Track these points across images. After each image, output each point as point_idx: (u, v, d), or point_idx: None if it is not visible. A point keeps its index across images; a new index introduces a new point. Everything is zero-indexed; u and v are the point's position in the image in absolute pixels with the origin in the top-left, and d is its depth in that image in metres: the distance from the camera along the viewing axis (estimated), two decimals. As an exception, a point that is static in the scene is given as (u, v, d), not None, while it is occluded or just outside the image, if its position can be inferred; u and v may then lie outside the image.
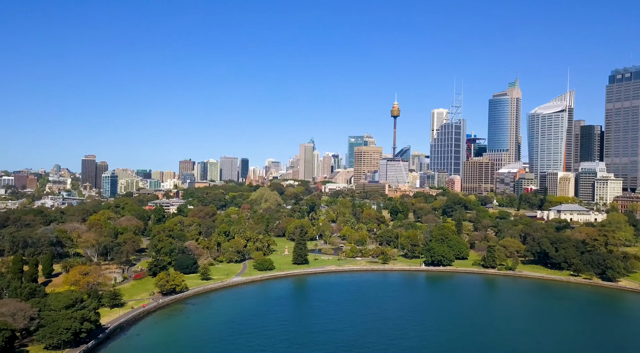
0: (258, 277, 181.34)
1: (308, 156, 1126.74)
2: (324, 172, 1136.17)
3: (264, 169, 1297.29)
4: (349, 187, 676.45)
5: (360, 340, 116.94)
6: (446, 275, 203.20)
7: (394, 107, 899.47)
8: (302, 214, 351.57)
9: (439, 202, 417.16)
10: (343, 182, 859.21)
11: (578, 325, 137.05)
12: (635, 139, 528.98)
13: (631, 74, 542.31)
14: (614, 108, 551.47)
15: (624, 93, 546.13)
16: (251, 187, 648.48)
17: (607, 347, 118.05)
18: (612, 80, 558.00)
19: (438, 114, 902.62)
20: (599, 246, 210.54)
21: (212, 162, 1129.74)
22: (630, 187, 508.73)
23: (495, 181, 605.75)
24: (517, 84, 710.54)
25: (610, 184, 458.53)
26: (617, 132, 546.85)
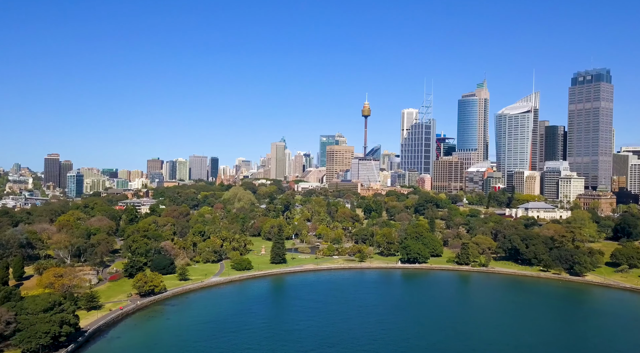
0: (237, 277, 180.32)
1: (279, 155, 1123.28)
2: (296, 171, 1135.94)
3: (234, 168, 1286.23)
4: (321, 186, 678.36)
5: (343, 336, 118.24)
6: (422, 272, 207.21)
7: (365, 107, 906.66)
8: (277, 213, 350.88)
9: (410, 200, 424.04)
10: (315, 181, 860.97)
11: (548, 318, 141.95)
12: (596, 139, 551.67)
13: (592, 76, 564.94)
14: (576, 109, 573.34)
15: (585, 95, 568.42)
16: (222, 186, 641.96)
17: (575, 338, 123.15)
18: (574, 83, 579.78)
19: (408, 114, 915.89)
20: (566, 242, 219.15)
21: (181, 161, 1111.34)
22: (592, 185, 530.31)
23: (464, 180, 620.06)
24: (485, 85, 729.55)
25: (573, 183, 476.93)
26: (579, 133, 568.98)
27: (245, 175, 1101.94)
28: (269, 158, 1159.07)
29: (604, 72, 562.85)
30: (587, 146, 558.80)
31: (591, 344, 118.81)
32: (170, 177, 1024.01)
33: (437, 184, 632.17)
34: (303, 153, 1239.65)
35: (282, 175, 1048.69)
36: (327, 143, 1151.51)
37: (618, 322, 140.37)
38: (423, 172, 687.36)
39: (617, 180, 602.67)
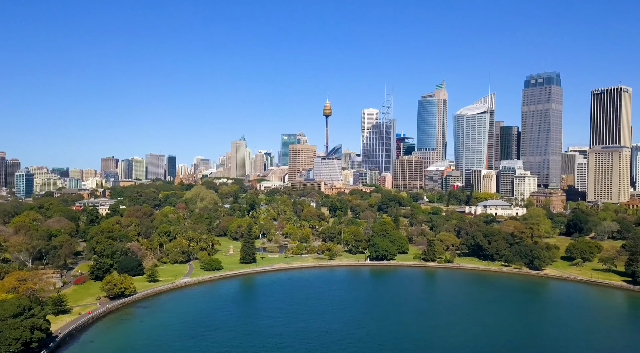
0: (207, 277, 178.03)
1: (240, 154, 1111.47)
2: (257, 169, 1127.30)
3: (192, 167, 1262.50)
4: (285, 185, 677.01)
5: (321, 332, 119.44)
6: (390, 269, 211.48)
7: (326, 106, 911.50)
8: (243, 213, 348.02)
9: (374, 198, 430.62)
10: (277, 180, 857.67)
11: (511, 311, 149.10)
12: (547, 139, 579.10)
13: (543, 79, 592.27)
14: (529, 110, 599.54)
15: (537, 97, 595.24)
16: (183, 185, 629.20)
17: (534, 329, 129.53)
18: (527, 85, 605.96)
19: (368, 114, 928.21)
20: (525, 238, 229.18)
21: (137, 159, 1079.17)
22: (543, 183, 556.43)
23: (424, 178, 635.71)
24: (443, 86, 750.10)
25: (527, 181, 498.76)
26: (532, 133, 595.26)
27: (204, 174, 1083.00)
28: (228, 157, 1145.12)
29: (554, 75, 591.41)
30: (539, 146, 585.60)
31: (550, 333, 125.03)
32: (126, 176, 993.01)
33: (398, 183, 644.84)
34: (264, 151, 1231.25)
35: (243, 174, 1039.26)
36: (288, 142, 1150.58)
37: (575, 312, 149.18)
38: (384, 171, 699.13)
39: (566, 179, 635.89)
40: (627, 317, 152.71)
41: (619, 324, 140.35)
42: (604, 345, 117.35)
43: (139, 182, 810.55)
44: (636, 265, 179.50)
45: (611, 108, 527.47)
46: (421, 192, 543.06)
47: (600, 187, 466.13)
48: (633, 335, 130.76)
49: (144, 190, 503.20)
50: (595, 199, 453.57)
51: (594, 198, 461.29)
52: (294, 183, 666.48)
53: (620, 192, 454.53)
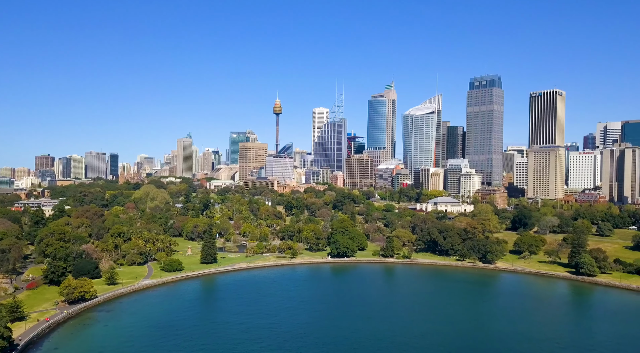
0: (170, 279, 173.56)
1: (187, 152, 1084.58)
2: (204, 168, 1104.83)
3: (136, 165, 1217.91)
4: (236, 184, 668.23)
5: (296, 330, 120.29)
6: (351, 266, 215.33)
7: (276, 104, 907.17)
8: (197, 212, 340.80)
9: (328, 197, 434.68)
10: (226, 179, 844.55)
11: (468, 302, 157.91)
12: (490, 139, 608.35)
13: (486, 82, 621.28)
14: (473, 111, 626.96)
15: (480, 98, 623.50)
16: (129, 184, 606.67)
17: (488, 319, 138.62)
18: (471, 87, 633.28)
19: (319, 113, 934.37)
20: (477, 233, 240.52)
21: (75, 157, 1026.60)
22: (487, 181, 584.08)
23: (374, 176, 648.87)
24: (392, 86, 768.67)
25: (473, 179, 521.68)
26: (476, 133, 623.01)
27: (149, 173, 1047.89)
28: (174, 155, 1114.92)
29: (496, 78, 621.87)
30: (482, 145, 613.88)
31: (500, 322, 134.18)
32: (63, 175, 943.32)
33: (350, 181, 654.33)
34: (212, 150, 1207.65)
35: (190, 172, 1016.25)
36: (237, 139, 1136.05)
37: (525, 302, 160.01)
38: (336, 170, 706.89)
39: (506, 176, 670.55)
40: (571, 305, 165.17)
41: (563, 312, 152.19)
42: (548, 331, 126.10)
43: (79, 181, 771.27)
44: (579, 257, 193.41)
45: (548, 110, 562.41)
46: (372, 190, 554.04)
47: (539, 184, 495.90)
48: (576, 321, 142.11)
49: (88, 190, 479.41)
50: (534, 196, 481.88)
51: (533, 195, 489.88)
52: (245, 182, 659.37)
53: (556, 189, 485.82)
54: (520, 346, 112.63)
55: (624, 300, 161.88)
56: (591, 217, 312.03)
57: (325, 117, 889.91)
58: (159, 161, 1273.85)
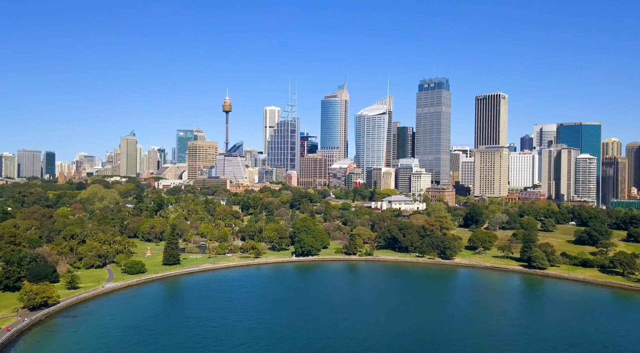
0: (134, 281, 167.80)
1: (131, 150, 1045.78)
2: (150, 167, 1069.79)
3: (74, 164, 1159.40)
4: (186, 183, 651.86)
5: (272, 329, 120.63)
6: (316, 264, 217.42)
7: (226, 102, 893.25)
8: (150, 213, 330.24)
9: (285, 196, 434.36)
10: (173, 178, 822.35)
11: (431, 296, 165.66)
12: (439, 139, 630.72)
13: (435, 84, 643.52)
14: (423, 112, 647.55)
15: (429, 100, 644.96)
16: (71, 184, 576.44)
17: (451, 310, 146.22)
18: (420, 89, 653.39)
19: (270, 111, 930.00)
20: (435, 230, 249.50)
21: (7, 155, 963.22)
22: (435, 180, 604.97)
23: (328, 176, 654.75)
24: (345, 87, 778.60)
25: (423, 178, 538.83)
26: (425, 134, 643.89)
27: (89, 172, 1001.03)
28: (117, 153, 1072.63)
29: (444, 80, 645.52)
30: (431, 145, 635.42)
31: (461, 314, 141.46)
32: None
33: (304, 180, 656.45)
34: (157, 148, 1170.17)
35: (134, 171, 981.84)
36: (185, 138, 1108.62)
37: (483, 294, 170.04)
38: (289, 169, 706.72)
39: (453, 176, 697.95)
40: (527, 296, 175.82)
41: (520, 302, 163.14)
42: (508, 321, 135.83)
43: (12, 181, 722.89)
44: (530, 252, 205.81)
45: (492, 112, 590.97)
46: (327, 189, 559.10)
47: (485, 183, 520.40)
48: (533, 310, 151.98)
49: (28, 190, 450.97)
50: (481, 194, 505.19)
51: (479, 193, 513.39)
52: (197, 182, 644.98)
53: (500, 188, 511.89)
54: (481, 336, 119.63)
55: (573, 290, 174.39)
56: (535, 214, 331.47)
57: (277, 116, 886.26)
58: (100, 160, 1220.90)
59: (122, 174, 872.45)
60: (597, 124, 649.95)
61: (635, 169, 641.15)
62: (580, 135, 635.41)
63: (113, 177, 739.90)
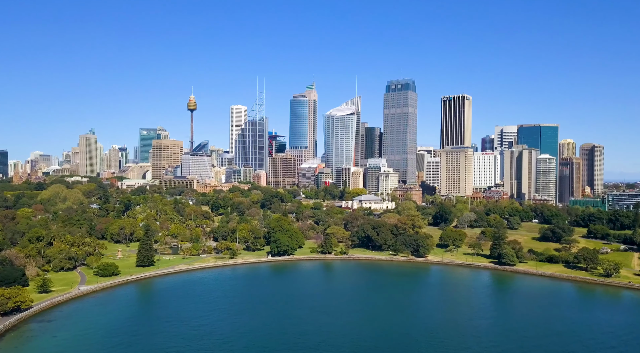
0: (108, 284, 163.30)
1: (90, 149, 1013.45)
2: (111, 166, 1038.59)
3: (28, 163, 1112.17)
4: (151, 183, 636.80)
5: (254, 330, 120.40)
6: (293, 264, 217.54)
7: (191, 101, 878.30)
8: (118, 213, 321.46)
9: (256, 196, 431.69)
10: (136, 178, 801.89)
11: (404, 293, 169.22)
12: (405, 139, 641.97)
13: (402, 85, 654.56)
14: (390, 113, 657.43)
15: (396, 101, 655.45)
16: (29, 184, 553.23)
17: (426, 306, 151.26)
18: (388, 90, 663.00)
19: (237, 110, 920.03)
20: (408, 229, 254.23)
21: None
22: (402, 179, 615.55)
23: (297, 175, 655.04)
24: (314, 87, 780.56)
25: (391, 177, 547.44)
26: (392, 134, 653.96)
27: (46, 171, 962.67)
28: (76, 152, 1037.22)
29: (411, 82, 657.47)
30: (398, 146, 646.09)
31: (439, 309, 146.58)
32: None
33: (272, 180, 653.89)
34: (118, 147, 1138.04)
35: (94, 171, 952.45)
36: (148, 136, 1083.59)
37: (457, 290, 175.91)
38: (258, 168, 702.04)
39: (419, 175, 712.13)
40: (496, 291, 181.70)
41: (493, 298, 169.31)
42: (475, 314, 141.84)
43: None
44: (500, 249, 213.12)
45: (457, 113, 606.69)
46: (296, 189, 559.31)
47: (451, 182, 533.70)
48: (500, 303, 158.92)
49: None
50: (447, 193, 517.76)
51: (445, 192, 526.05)
52: (162, 181, 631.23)
53: (466, 187, 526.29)
54: (455, 328, 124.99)
55: (541, 285, 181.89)
56: (500, 212, 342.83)
57: (243, 115, 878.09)
58: (56, 159, 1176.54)
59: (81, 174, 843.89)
60: (554, 125, 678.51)
61: (588, 168, 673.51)
62: (539, 136, 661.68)
63: (73, 177, 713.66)
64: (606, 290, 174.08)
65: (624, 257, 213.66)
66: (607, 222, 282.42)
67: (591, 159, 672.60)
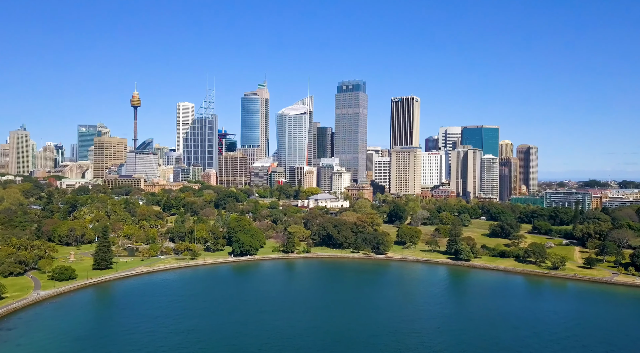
0: (67, 288, 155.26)
1: (22, 146, 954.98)
2: (45, 165, 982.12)
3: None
4: (94, 182, 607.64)
5: (233, 330, 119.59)
6: (256, 263, 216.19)
7: (134, 97, 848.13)
8: (64, 214, 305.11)
9: (209, 195, 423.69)
10: (75, 177, 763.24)
11: (366, 289, 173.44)
12: (356, 139, 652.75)
13: (352, 86, 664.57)
14: (341, 113, 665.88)
15: (347, 101, 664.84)
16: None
17: (384, 301, 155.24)
18: (339, 90, 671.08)
19: (184, 108, 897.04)
20: (367, 227, 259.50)
21: None
22: (354, 178, 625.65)
23: (249, 174, 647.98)
24: (265, 85, 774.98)
25: (343, 176, 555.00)
26: (344, 134, 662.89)
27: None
28: (5, 149, 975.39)
29: (361, 83, 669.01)
30: (349, 145, 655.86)
31: (401, 305, 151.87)
32: None
33: (223, 179, 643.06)
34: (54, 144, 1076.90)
35: (27, 169, 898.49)
36: (87, 134, 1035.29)
37: (414, 285, 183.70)
38: (207, 167, 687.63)
39: (368, 174, 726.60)
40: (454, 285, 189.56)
41: (453, 291, 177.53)
42: (435, 306, 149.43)
43: None
44: (457, 245, 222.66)
45: (406, 114, 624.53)
46: (248, 188, 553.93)
47: (400, 181, 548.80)
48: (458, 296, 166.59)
49: None
50: (397, 192, 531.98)
51: (395, 191, 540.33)
52: (106, 181, 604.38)
53: (415, 186, 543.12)
54: (417, 320, 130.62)
55: (496, 279, 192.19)
56: (450, 210, 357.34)
57: (190, 113, 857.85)
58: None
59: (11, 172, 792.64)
60: (495, 127, 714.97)
61: (524, 168, 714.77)
62: (482, 137, 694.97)
63: (5, 176, 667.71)
64: (554, 282, 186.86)
65: (567, 250, 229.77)
66: (548, 219, 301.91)
67: (527, 159, 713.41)
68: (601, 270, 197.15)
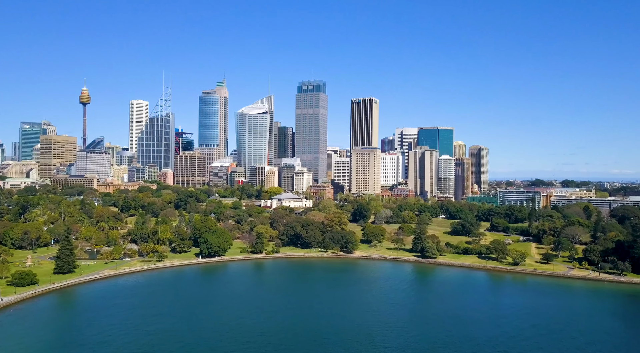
0: (29, 294, 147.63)
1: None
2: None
3: None
4: (41, 183, 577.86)
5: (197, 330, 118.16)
6: (225, 264, 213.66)
7: (83, 93, 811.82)
8: (14, 216, 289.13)
9: (168, 195, 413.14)
10: (19, 177, 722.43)
11: (336, 287, 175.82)
12: (317, 139, 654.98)
13: (313, 86, 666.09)
14: (302, 113, 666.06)
15: (308, 102, 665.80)
16: None
17: (353, 299, 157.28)
18: (300, 90, 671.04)
19: (137, 105, 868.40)
20: (334, 226, 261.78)
21: None
22: (315, 178, 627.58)
23: (208, 174, 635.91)
24: (224, 83, 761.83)
25: (305, 176, 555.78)
26: (305, 134, 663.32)
27: None
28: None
29: (321, 83, 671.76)
30: (310, 145, 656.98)
31: (369, 302, 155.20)
32: None
33: (180, 179, 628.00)
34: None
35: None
36: (30, 131, 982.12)
37: (382, 282, 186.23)
38: (163, 167, 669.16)
39: (328, 174, 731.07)
40: (422, 282, 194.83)
41: (415, 287, 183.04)
42: (405, 303, 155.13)
43: None
44: (422, 243, 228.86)
45: (365, 115, 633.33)
46: (208, 188, 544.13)
47: (360, 181, 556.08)
48: (425, 292, 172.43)
49: None
50: (357, 191, 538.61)
51: (356, 190, 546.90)
52: (56, 181, 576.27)
53: (374, 185, 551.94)
54: (388, 314, 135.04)
55: (461, 275, 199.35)
56: (411, 209, 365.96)
57: (145, 111, 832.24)
58: None
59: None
60: (450, 128, 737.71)
61: (476, 168, 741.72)
62: (437, 138, 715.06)
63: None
64: (515, 277, 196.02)
65: (525, 247, 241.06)
66: (505, 217, 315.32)
67: (478, 159, 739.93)
68: (557, 265, 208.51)
